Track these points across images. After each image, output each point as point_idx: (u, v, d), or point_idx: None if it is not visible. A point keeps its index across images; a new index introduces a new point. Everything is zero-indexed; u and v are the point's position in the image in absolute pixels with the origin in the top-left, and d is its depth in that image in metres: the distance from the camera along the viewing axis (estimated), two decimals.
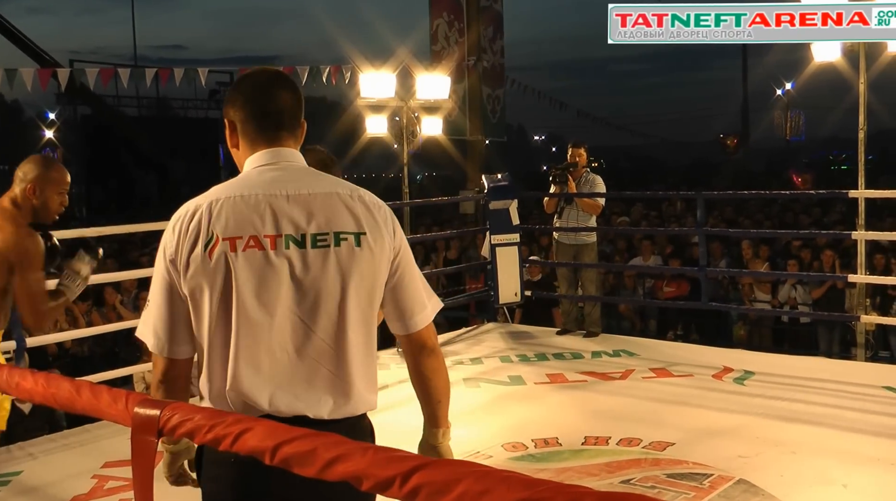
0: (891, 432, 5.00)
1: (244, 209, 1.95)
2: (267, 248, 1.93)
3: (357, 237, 1.99)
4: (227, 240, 1.93)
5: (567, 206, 7.86)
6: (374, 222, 2.03)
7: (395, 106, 9.12)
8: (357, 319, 2.00)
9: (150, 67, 10.43)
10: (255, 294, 1.93)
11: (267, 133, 2.06)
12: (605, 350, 7.15)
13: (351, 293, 1.99)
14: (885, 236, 8.31)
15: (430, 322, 2.16)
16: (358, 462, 1.21)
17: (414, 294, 2.12)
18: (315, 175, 2.07)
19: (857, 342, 7.67)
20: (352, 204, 2.01)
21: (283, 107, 2.08)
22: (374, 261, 2.02)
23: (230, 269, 1.93)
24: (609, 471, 4.47)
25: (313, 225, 1.97)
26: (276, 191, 1.98)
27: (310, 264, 1.96)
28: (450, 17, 11.74)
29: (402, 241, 2.09)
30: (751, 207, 15.15)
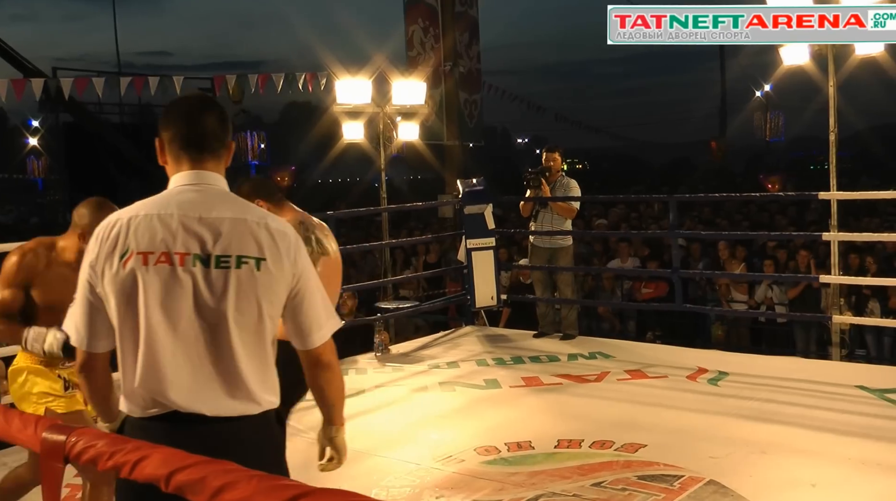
0: (861, 431, 5.05)
1: (159, 227, 2.18)
2: (175, 264, 2.16)
3: (258, 262, 2.19)
4: (140, 254, 2.17)
5: (542, 209, 7.90)
6: (276, 249, 2.22)
7: (372, 112, 9.14)
8: (252, 332, 2.21)
9: (125, 76, 10.42)
10: (161, 305, 2.16)
11: (190, 154, 2.26)
12: (581, 353, 7.19)
13: (247, 311, 2.19)
14: (856, 236, 8.38)
15: (328, 340, 2.37)
16: (244, 490, 1.29)
17: (312, 316, 2.31)
18: (229, 200, 2.27)
19: (833, 341, 7.74)
20: (257, 231, 2.21)
21: (206, 130, 2.27)
22: (272, 285, 2.21)
23: (140, 280, 2.16)
24: (581, 474, 4.50)
25: (218, 247, 2.18)
26: (190, 212, 2.20)
27: (212, 282, 2.17)
28: (425, 23, 11.78)
29: (304, 267, 2.29)
30: (728, 208, 15.24)
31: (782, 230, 11.68)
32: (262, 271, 2.19)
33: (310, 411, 5.76)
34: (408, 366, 6.95)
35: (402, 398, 6.07)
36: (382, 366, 7.05)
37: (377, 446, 5.08)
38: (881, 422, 5.20)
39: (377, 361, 7.21)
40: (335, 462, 2.57)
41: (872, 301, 9.27)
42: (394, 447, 5.05)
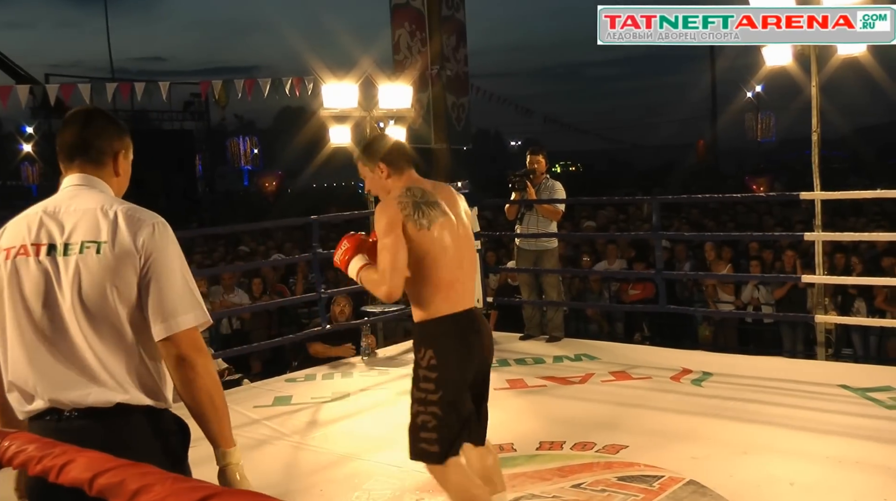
0: (841, 430, 5.07)
1: (24, 225, 2.33)
2: (31, 255, 2.29)
3: (99, 246, 2.26)
4: (4, 250, 2.32)
5: (527, 212, 7.93)
6: (119, 231, 2.27)
7: (359, 116, 9.15)
8: (106, 319, 2.25)
9: (114, 81, 10.42)
10: (23, 295, 2.28)
11: (67, 162, 2.44)
12: (566, 355, 7.21)
13: (96, 296, 2.24)
14: (838, 236, 8.42)
15: (188, 332, 2.28)
16: (159, 492, 1.33)
17: (164, 301, 2.27)
18: (92, 196, 2.36)
19: (818, 341, 7.77)
20: (102, 218, 2.29)
21: (83, 141, 2.43)
22: (116, 267, 2.25)
23: (3, 273, 2.30)
24: (561, 476, 4.52)
25: (67, 236, 2.28)
26: (52, 208, 2.34)
27: (62, 270, 2.26)
28: (411, 27, 11.81)
29: (157, 250, 2.28)
30: (716, 209, 15.28)
31: (769, 231, 11.72)
32: (103, 254, 2.24)
33: (293, 414, 5.84)
34: (393, 369, 6.97)
35: (386, 401, 6.09)
36: (369, 369, 7.08)
37: (360, 449, 5.10)
38: (861, 421, 5.23)
39: (363, 364, 7.23)
40: None
41: (858, 301, 9.32)
42: (376, 450, 5.06)
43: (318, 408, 6.01)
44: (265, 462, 4.93)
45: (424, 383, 3.41)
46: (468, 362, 3.41)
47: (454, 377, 3.38)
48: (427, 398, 3.38)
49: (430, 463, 3.44)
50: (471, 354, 3.42)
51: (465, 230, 3.52)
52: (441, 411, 3.35)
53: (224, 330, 9.52)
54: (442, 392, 3.36)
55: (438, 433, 3.36)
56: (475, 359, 3.44)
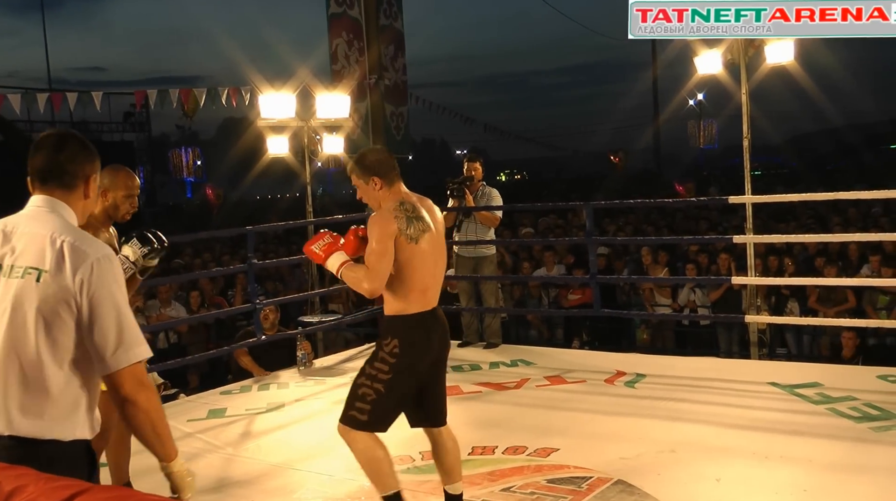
0: (768, 426, 5.19)
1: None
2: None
3: (39, 274, 2.29)
4: None
5: (465, 219, 7.96)
6: (63, 263, 2.30)
7: (296, 126, 9.13)
8: (25, 346, 2.27)
9: (45, 92, 10.26)
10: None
11: (35, 183, 2.49)
12: (503, 361, 7.26)
13: (20, 321, 2.28)
14: (765, 238, 8.58)
15: (131, 369, 2.33)
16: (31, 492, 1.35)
17: (105, 340, 2.31)
18: (49, 220, 2.40)
19: (751, 341, 7.92)
20: (50, 246, 2.32)
21: (53, 164, 2.47)
22: (50, 298, 2.27)
23: None
24: (491, 480, 4.55)
25: (14, 258, 2.33)
26: (10, 226, 2.41)
27: (5, 290, 2.31)
28: (349, 36, 11.80)
29: (97, 286, 2.30)
30: (654, 214, 15.48)
31: (704, 235, 11.90)
32: (42, 283, 2.27)
33: (227, 427, 5.80)
34: (330, 379, 6.95)
35: (321, 410, 6.07)
36: (304, 380, 7.05)
37: (293, 459, 5.08)
38: (788, 417, 5.35)
39: (299, 375, 7.20)
40: (178, 496, 2.52)
41: (791, 301, 9.50)
42: (309, 459, 5.05)
43: (252, 419, 5.97)
44: (197, 475, 4.88)
45: (380, 363, 3.77)
46: (426, 354, 3.81)
47: (408, 367, 3.76)
48: (377, 375, 3.75)
49: (353, 429, 3.77)
50: (430, 347, 3.82)
51: (441, 240, 3.90)
52: (384, 390, 3.73)
53: (161, 344, 9.39)
54: (392, 376, 3.73)
55: (372, 407, 3.73)
56: (433, 352, 3.86)
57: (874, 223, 11.90)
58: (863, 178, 22.64)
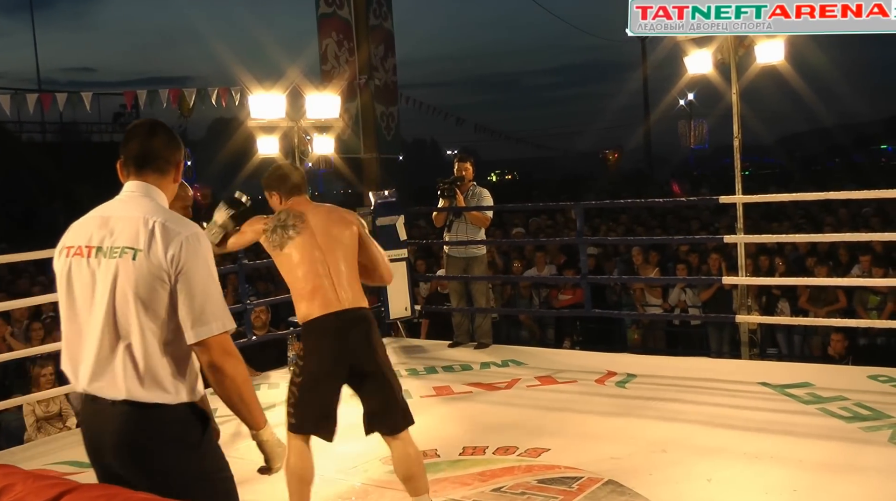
0: (759, 426, 5.18)
1: (82, 226, 2.60)
2: (84, 255, 2.54)
3: (134, 253, 2.48)
4: (66, 248, 2.59)
5: (456, 219, 7.94)
6: (155, 242, 2.48)
7: (286, 126, 9.11)
8: (135, 319, 2.47)
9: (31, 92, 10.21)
10: (72, 292, 2.55)
11: (132, 170, 2.66)
12: (494, 361, 7.24)
13: (127, 298, 2.47)
14: (756, 238, 8.59)
15: (217, 338, 2.52)
16: (19, 490, 1.35)
17: (193, 310, 2.49)
18: (142, 203, 2.58)
19: (742, 341, 7.92)
20: (143, 227, 2.50)
21: (149, 151, 2.66)
22: (145, 274, 2.46)
23: (63, 270, 2.57)
24: (482, 480, 4.54)
25: (112, 239, 2.52)
26: (107, 212, 2.59)
27: (103, 270, 2.50)
28: (339, 36, 11.77)
29: (187, 263, 2.49)
30: (646, 215, 15.49)
31: (696, 235, 11.91)
32: (137, 261, 2.46)
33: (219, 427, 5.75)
34: None
35: None
36: None
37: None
38: (778, 416, 5.34)
39: (291, 374, 7.16)
40: (268, 466, 2.73)
41: (782, 301, 9.52)
42: None
43: None
44: None
45: (294, 367, 4.06)
46: (322, 360, 3.88)
47: (313, 370, 3.90)
48: (293, 379, 3.99)
49: (288, 431, 3.98)
50: (323, 354, 3.87)
51: (335, 243, 3.96)
52: (298, 393, 3.94)
53: None
54: (302, 379, 3.92)
55: (294, 409, 3.95)
56: (336, 357, 3.88)
57: (865, 223, 11.92)
58: (854, 178, 22.71)
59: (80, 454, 5.43)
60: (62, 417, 7.14)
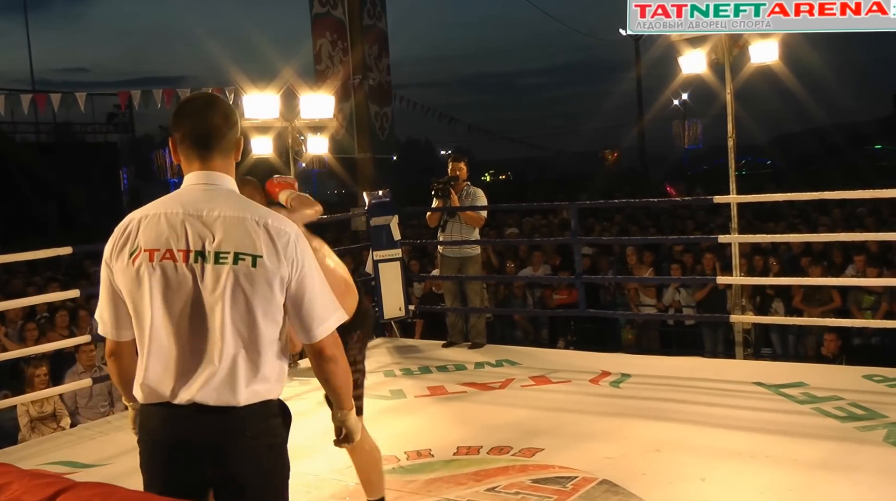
0: (753, 425, 5.18)
1: (165, 226, 2.36)
2: (179, 260, 2.33)
3: (254, 259, 2.34)
4: (147, 251, 2.35)
5: (450, 219, 7.94)
6: (273, 246, 2.36)
7: (280, 126, 9.10)
8: (247, 327, 2.36)
9: (25, 93, 10.19)
10: (165, 300, 2.34)
11: (198, 152, 2.42)
12: (488, 361, 7.23)
13: (241, 306, 2.35)
14: (751, 238, 8.60)
15: (330, 334, 2.50)
16: (16, 489, 1.35)
17: (313, 311, 2.45)
18: (232, 199, 2.42)
19: (736, 340, 7.92)
20: (255, 229, 2.36)
21: (211, 129, 2.41)
22: (267, 280, 2.36)
23: (147, 276, 2.34)
24: (476, 480, 4.53)
25: (217, 244, 2.34)
26: (193, 210, 2.37)
27: (211, 277, 2.33)
28: (333, 36, 11.75)
29: (303, 264, 2.42)
30: (640, 215, 15.50)
31: (690, 235, 11.92)
32: (259, 268, 2.34)
33: None
34: (314, 380, 6.87)
35: (306, 411, 6.01)
36: (290, 380, 6.97)
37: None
38: (773, 416, 5.34)
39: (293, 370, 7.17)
40: (349, 439, 2.77)
41: (776, 301, 9.52)
42: (293, 459, 4.95)
43: None
44: None
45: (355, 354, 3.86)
46: None
47: None
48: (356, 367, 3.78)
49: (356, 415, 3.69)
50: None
51: None
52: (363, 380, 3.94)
53: None
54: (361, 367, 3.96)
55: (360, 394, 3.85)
56: None
57: (859, 223, 11.94)
58: (848, 178, 22.76)
59: (75, 454, 5.50)
60: (56, 417, 7.13)
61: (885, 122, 57.72)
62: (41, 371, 7.19)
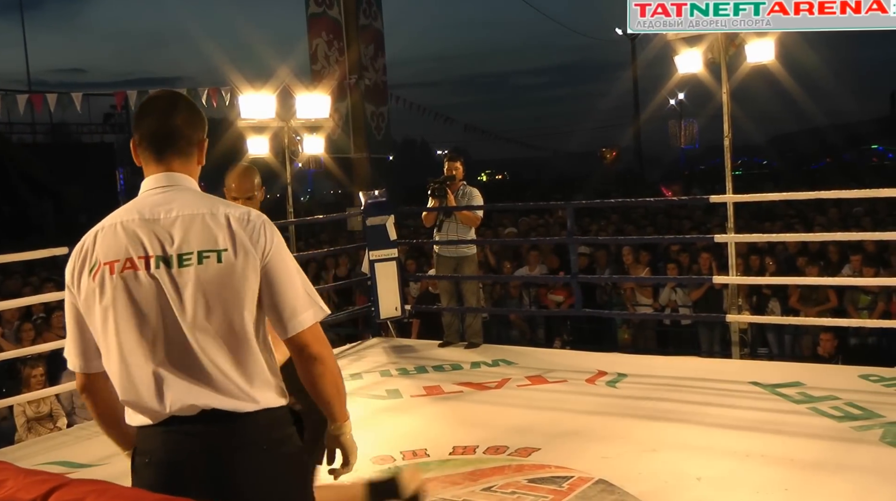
0: (749, 425, 5.18)
1: (123, 235, 2.19)
2: (140, 268, 2.16)
3: (219, 254, 2.17)
4: (107, 264, 2.18)
5: (446, 219, 7.94)
6: (236, 237, 2.19)
7: (276, 126, 9.10)
8: (227, 327, 2.17)
9: (21, 93, 10.18)
10: (132, 311, 2.16)
11: (154, 154, 2.27)
12: (484, 360, 7.23)
13: (217, 306, 2.16)
14: (748, 237, 8.61)
15: (312, 328, 2.27)
16: (11, 486, 1.36)
17: (286, 300, 2.23)
18: (190, 198, 2.24)
19: (733, 340, 7.92)
20: (215, 224, 2.19)
21: (170, 130, 2.27)
22: (239, 274, 2.18)
23: (110, 290, 2.16)
24: (472, 480, 4.52)
25: (178, 246, 2.17)
26: (150, 215, 2.21)
27: (177, 282, 2.16)
28: (329, 36, 11.74)
29: (274, 251, 2.23)
30: (637, 214, 15.52)
31: (687, 235, 11.92)
32: (225, 263, 2.17)
33: None
34: None
35: None
36: None
37: None
38: (769, 416, 5.34)
39: None
40: (345, 463, 2.47)
41: (773, 301, 9.52)
42: None
43: None
44: None
45: None
46: None
47: None
48: None
49: None
50: None
51: None
52: None
53: None
54: None
55: None
56: None
57: (856, 223, 11.95)
58: (845, 177, 22.79)
59: (71, 454, 5.49)
60: (52, 417, 7.13)
61: (881, 122, 57.81)
62: (37, 372, 7.18)
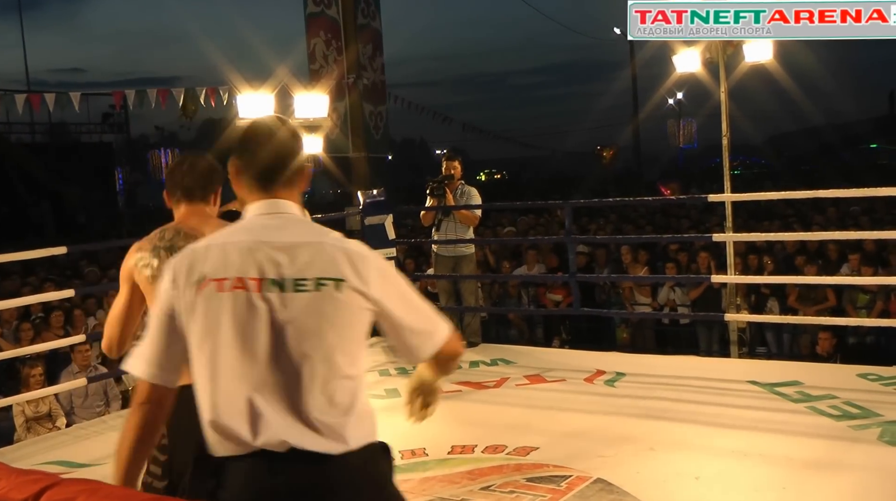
0: (748, 424, 5.18)
1: (233, 253, 2.13)
2: (251, 289, 2.09)
3: (337, 284, 2.11)
4: (215, 281, 2.11)
5: (445, 218, 7.94)
6: (356, 270, 2.13)
7: None
8: (329, 358, 2.09)
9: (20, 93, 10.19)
10: (237, 331, 2.08)
11: (259, 184, 2.22)
12: (483, 359, 7.23)
13: (325, 334, 2.09)
14: (746, 236, 8.62)
15: (449, 338, 2.29)
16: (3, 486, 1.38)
17: (422, 321, 2.23)
18: (303, 225, 2.21)
19: (731, 339, 7.94)
20: (334, 253, 2.14)
21: (276, 160, 2.22)
22: (351, 306, 2.12)
23: (217, 307, 2.09)
24: (471, 479, 4.53)
25: (295, 270, 2.10)
26: (264, 237, 2.15)
27: (289, 306, 2.09)
28: (327, 35, 11.75)
29: (388, 286, 2.18)
30: (635, 214, 15.53)
31: (685, 234, 11.95)
32: (344, 293, 2.11)
33: None
34: None
35: None
36: None
37: None
38: (767, 414, 5.35)
39: None
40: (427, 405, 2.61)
41: (771, 300, 9.54)
42: None
43: None
44: None
45: None
46: None
47: None
48: None
49: None
50: None
51: None
52: None
53: None
54: None
55: None
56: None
57: (854, 222, 11.97)
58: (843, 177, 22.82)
59: (70, 454, 5.50)
60: (51, 417, 7.13)
61: (879, 121, 57.87)
62: (36, 371, 7.18)
